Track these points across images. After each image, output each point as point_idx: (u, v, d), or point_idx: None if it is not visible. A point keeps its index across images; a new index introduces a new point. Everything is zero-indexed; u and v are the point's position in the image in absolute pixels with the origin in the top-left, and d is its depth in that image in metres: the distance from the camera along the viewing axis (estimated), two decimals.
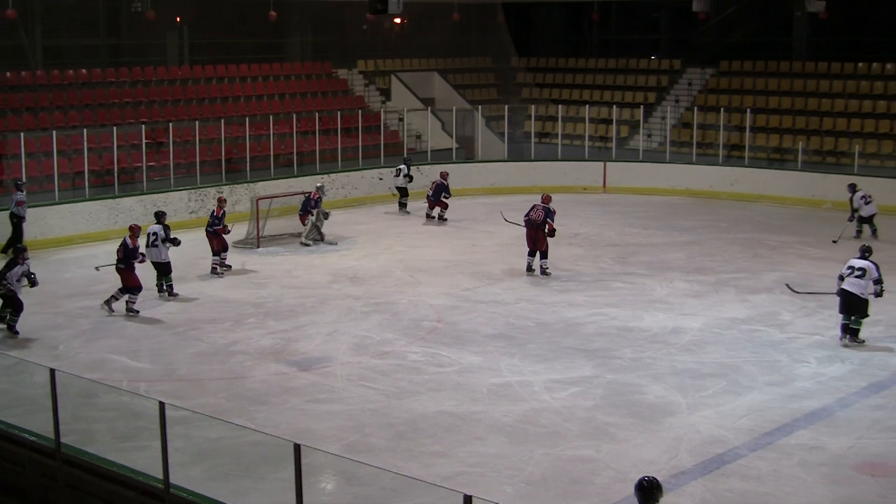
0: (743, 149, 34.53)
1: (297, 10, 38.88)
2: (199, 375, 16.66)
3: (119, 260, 20.34)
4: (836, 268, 23.25)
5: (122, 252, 20.33)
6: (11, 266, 18.68)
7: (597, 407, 15.11)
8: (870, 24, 40.49)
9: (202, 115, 33.17)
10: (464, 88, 41.58)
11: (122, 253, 20.33)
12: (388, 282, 22.64)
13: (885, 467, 13.08)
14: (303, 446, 10.25)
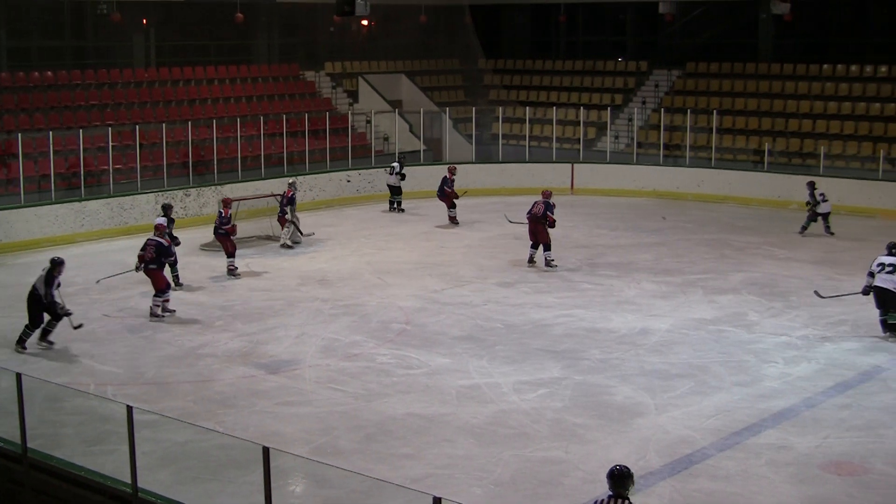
0: (709, 150, 34.68)
1: (263, 12, 38.79)
2: (166, 379, 16.60)
3: (151, 260, 20.22)
4: (802, 268, 23.61)
5: (153, 252, 20.26)
6: (51, 282, 17.98)
7: (565, 408, 15.14)
8: (834, 26, 40.75)
9: (169, 117, 33.05)
10: (431, 90, 41.61)
11: (155, 253, 20.26)
12: (357, 284, 22.62)
13: (851, 466, 13.16)
14: (271, 449, 10.24)
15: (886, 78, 36.04)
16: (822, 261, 24.66)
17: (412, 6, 40.40)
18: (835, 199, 30.27)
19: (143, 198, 28.69)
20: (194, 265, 24.31)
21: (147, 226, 27.55)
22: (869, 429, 14.35)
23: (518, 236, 27.41)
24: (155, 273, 20.19)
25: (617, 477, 9.10)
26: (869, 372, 16.79)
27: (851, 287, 20.53)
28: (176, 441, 13.71)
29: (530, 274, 23.40)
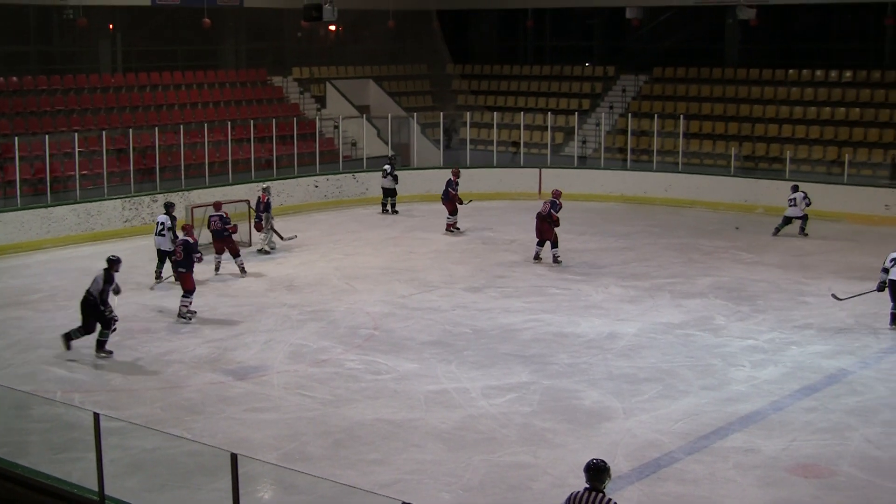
0: (676, 155, 34.81)
1: (231, 18, 38.72)
2: (134, 385, 16.53)
3: (180, 262, 20.29)
4: (769, 272, 23.76)
5: (181, 252, 20.33)
6: (111, 280, 17.91)
7: (534, 413, 15.16)
8: (799, 31, 41.03)
9: (136, 123, 32.93)
10: (399, 96, 41.61)
11: (184, 252, 20.30)
12: (325, 290, 22.58)
13: (817, 469, 13.24)
14: (240, 456, 10.22)
15: (851, 83, 36.33)
16: (790, 265, 24.79)
17: (380, 11, 40.38)
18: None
19: (110, 203, 28.54)
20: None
21: (113, 231, 27.63)
22: (835, 431, 14.44)
23: (486, 241, 27.50)
24: (184, 275, 20.29)
25: (593, 471, 9.17)
26: (835, 375, 16.90)
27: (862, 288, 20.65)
28: (144, 448, 13.65)
29: (498, 279, 23.43)
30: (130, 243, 27.28)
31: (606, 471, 9.17)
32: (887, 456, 13.63)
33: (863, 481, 12.90)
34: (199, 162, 31.85)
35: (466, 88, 43.80)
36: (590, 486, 9.17)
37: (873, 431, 14.44)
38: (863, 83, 36.17)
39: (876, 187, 31.31)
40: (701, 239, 27.86)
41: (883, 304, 20.89)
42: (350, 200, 33.24)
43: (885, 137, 33.87)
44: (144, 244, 26.88)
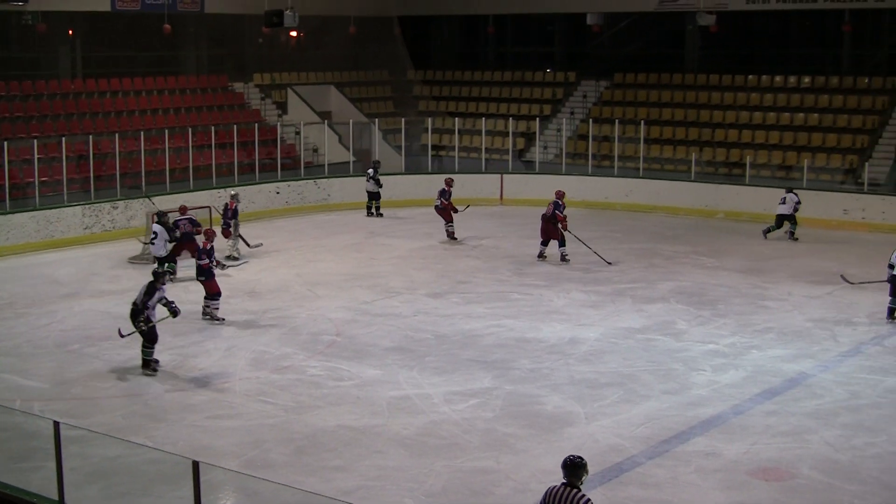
0: (637, 160, 34.94)
1: (192, 24, 38.57)
2: (94, 393, 16.43)
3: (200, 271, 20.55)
4: (730, 277, 23.91)
5: None
6: (151, 292, 17.44)
7: (496, 418, 15.19)
8: (758, 37, 41.31)
9: (96, 129, 32.73)
10: (360, 101, 41.56)
11: None
12: (286, 296, 22.53)
13: (777, 472, 13.32)
14: (201, 463, 10.19)
15: (809, 88, 36.61)
16: (749, 269, 24.94)
17: (341, 17, 40.34)
18: (760, 209, 30.82)
19: (70, 210, 28.35)
20: (121, 278, 24.09)
21: (73, 238, 27.49)
22: (795, 434, 14.54)
23: (448, 247, 27.52)
24: (206, 282, 20.54)
25: (570, 466, 9.36)
26: (795, 378, 17.01)
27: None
28: (105, 456, 13.57)
29: (460, 285, 23.45)
30: (91, 250, 27.16)
31: (583, 467, 9.34)
32: (846, 458, 13.73)
33: (823, 484, 12.99)
34: (159, 168, 31.70)
35: (428, 94, 43.80)
36: (567, 482, 9.31)
37: (833, 434, 14.55)
38: (821, 89, 36.45)
39: (834, 192, 31.57)
40: (662, 244, 27.98)
41: (842, 309, 21.14)
42: (312, 207, 33.20)
43: (842, 143, 34.15)
44: (105, 251, 26.86)
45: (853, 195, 31.04)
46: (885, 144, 33.72)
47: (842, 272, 22.63)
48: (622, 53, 43.05)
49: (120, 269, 25.12)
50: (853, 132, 34.41)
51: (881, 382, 16.78)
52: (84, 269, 25.11)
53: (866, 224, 29.96)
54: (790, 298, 22.13)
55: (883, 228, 29.53)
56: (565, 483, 9.33)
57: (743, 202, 32.07)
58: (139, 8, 35.33)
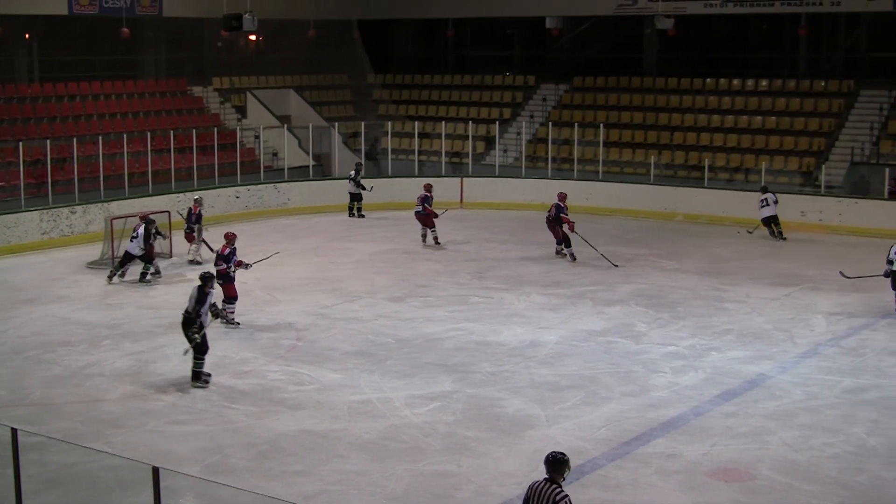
0: (597, 163, 35.06)
1: (150, 27, 38.40)
2: (53, 400, 16.32)
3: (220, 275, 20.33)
4: (688, 279, 24.06)
5: None
6: (203, 299, 16.99)
7: (457, 422, 15.20)
8: (716, 41, 41.60)
9: (53, 133, 32.55)
10: (320, 105, 41.53)
11: None
12: (247, 301, 22.42)
13: (737, 473, 13.40)
14: (161, 469, 10.14)
15: (767, 92, 36.92)
16: (708, 272, 25.08)
17: (300, 21, 40.30)
18: (719, 211, 31.08)
19: (27, 216, 28.11)
20: (80, 283, 23.96)
21: (31, 243, 27.28)
22: (755, 435, 14.64)
23: (407, 251, 27.52)
24: (224, 286, 20.45)
25: (552, 462, 9.57)
26: (754, 380, 17.12)
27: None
28: (63, 463, 13.48)
29: (420, 288, 23.45)
30: (49, 255, 26.98)
31: (565, 463, 9.56)
32: (805, 458, 13.83)
33: (782, 484, 13.08)
34: (118, 173, 31.51)
35: (388, 98, 43.84)
36: (549, 478, 9.48)
37: (791, 435, 14.66)
38: (778, 92, 36.77)
39: (792, 194, 31.77)
40: (621, 247, 28.05)
41: (800, 311, 21.29)
42: (271, 211, 33.10)
43: (800, 145, 34.45)
44: (63, 256, 26.69)
45: (810, 197, 31.29)
46: (841, 147, 34.03)
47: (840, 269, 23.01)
48: (581, 57, 43.25)
49: (79, 274, 24.96)
50: (810, 135, 34.72)
51: (838, 383, 16.92)
52: (42, 274, 24.94)
53: (823, 226, 30.20)
54: (749, 300, 22.27)
55: (840, 230, 29.80)
56: (547, 479, 9.49)
57: (702, 205, 32.24)
58: (97, 12, 35.17)
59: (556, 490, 9.40)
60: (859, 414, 15.57)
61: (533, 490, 9.53)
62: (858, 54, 38.06)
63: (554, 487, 9.42)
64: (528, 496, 9.56)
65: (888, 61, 37.27)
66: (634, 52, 41.59)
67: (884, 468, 13.59)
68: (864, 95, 35.42)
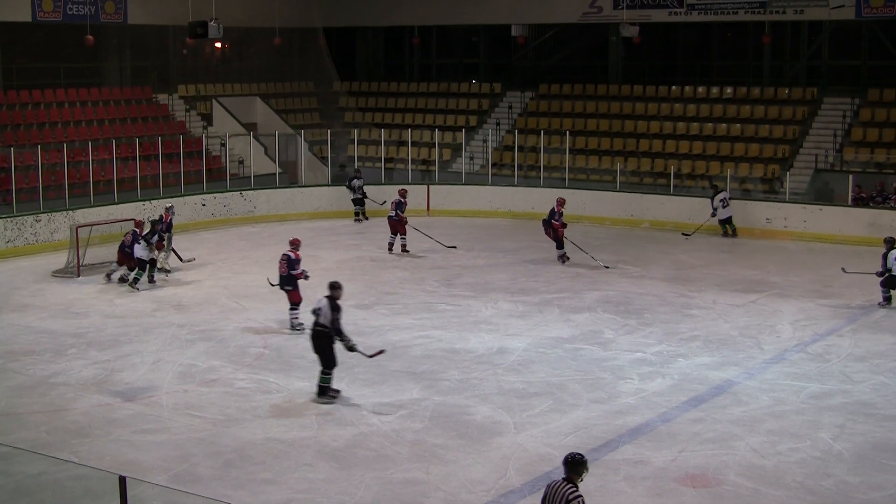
0: (563, 170, 35.12)
1: (114, 34, 38.22)
2: (17, 409, 16.20)
3: (284, 279, 20.56)
4: (655, 286, 24.18)
5: (285, 266, 20.57)
6: (338, 308, 16.44)
7: (425, 429, 15.19)
8: (680, 48, 41.83)
9: (17, 141, 32.35)
10: (286, 113, 41.47)
11: (287, 267, 20.55)
12: (213, 309, 22.38)
13: (705, 478, 13.45)
14: (128, 478, 10.10)
15: (731, 99, 37.17)
16: (674, 278, 25.17)
17: (266, 29, 40.25)
18: (685, 218, 31.26)
19: None
20: (45, 292, 23.82)
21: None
22: (722, 441, 14.70)
23: (374, 259, 27.50)
24: (290, 292, 20.61)
25: (570, 463, 9.90)
26: (721, 386, 17.19)
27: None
28: (28, 473, 13.38)
29: (387, 296, 23.43)
30: (13, 264, 26.81)
31: (583, 464, 9.91)
32: (771, 464, 13.90)
33: (749, 489, 13.14)
34: (83, 181, 31.33)
35: (354, 106, 43.82)
36: (566, 478, 9.79)
37: (758, 440, 14.73)
38: (742, 99, 37.00)
39: (757, 201, 32.01)
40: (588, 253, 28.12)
41: (767, 317, 21.39)
42: (237, 219, 33.03)
43: (764, 152, 34.64)
44: (27, 265, 26.53)
45: (775, 204, 31.47)
46: (805, 154, 34.26)
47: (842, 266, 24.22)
48: (547, 65, 43.45)
49: (43, 282, 24.81)
50: (775, 142, 34.93)
51: (804, 389, 17.01)
52: (6, 282, 24.77)
53: (788, 232, 30.38)
54: (715, 307, 22.37)
55: (805, 237, 29.98)
56: (565, 478, 9.78)
57: (668, 212, 32.37)
58: (61, 18, 34.98)
59: (571, 490, 9.65)
60: (825, 419, 15.66)
61: (550, 489, 9.78)
62: (821, 62, 38.32)
63: (569, 487, 9.68)
64: (545, 494, 9.82)
65: (851, 69, 37.61)
66: (600, 59, 41.77)
67: (849, 473, 13.68)
68: (828, 103, 35.69)
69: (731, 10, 36.04)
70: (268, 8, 39.96)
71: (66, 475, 13.36)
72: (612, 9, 37.75)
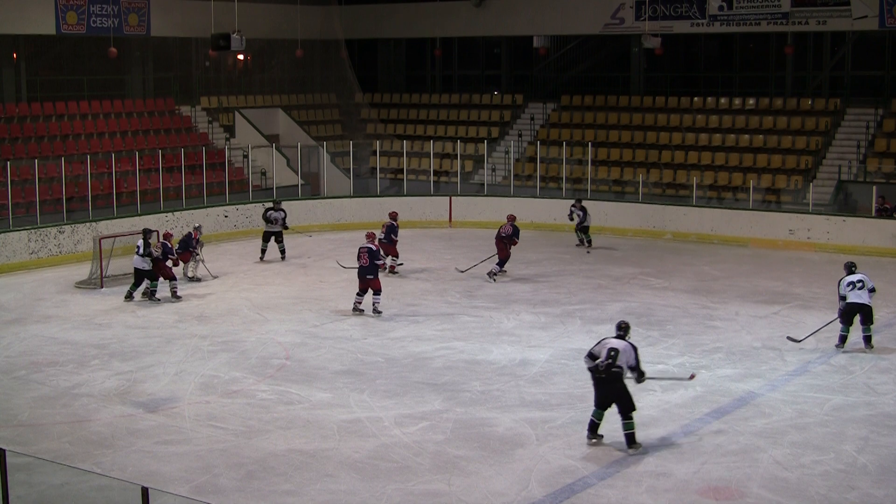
0: (585, 181, 35.12)
1: (137, 47, 38.40)
2: (41, 420, 16.25)
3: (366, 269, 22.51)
4: (677, 297, 24.04)
5: (367, 258, 22.44)
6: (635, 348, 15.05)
7: (447, 440, 15.17)
8: (702, 60, 41.75)
9: (41, 153, 32.52)
10: (308, 125, 41.55)
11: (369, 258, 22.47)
12: (235, 320, 22.42)
13: (728, 491, 13.39)
14: (150, 489, 10.10)
15: (753, 110, 37.07)
16: (697, 290, 25.10)
17: (288, 40, 40.36)
18: (707, 229, 31.15)
19: (15, 235, 28.00)
20: (68, 303, 23.91)
21: (19, 263, 27.23)
22: (744, 453, 14.62)
23: (397, 270, 27.45)
24: (372, 280, 22.53)
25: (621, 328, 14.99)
26: (743, 398, 17.12)
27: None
28: (51, 484, 13.43)
29: (409, 307, 23.43)
30: (37, 275, 26.93)
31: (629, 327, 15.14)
32: (795, 477, 13.83)
33: (772, 502, 13.07)
34: (106, 192, 31.49)
35: (375, 117, 43.86)
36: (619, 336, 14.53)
37: (781, 453, 14.65)
38: (765, 110, 36.90)
39: (780, 213, 31.90)
40: (610, 265, 28.10)
41: (790, 328, 21.28)
42: (260, 230, 33.06)
43: (787, 163, 34.54)
44: (51, 276, 26.65)
45: (798, 215, 31.33)
46: (828, 165, 34.15)
47: None
48: (568, 76, 43.42)
49: (67, 293, 24.90)
50: (797, 153, 34.82)
51: (828, 401, 16.92)
52: (30, 293, 24.87)
53: (812, 244, 30.27)
54: (738, 318, 22.30)
55: (828, 248, 29.86)
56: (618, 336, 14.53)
57: (690, 223, 32.30)
58: (84, 31, 35.20)
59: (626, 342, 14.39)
60: (849, 432, 15.57)
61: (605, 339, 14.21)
62: (844, 72, 38.20)
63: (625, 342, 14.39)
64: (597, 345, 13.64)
65: (874, 79, 37.49)
66: (621, 70, 41.74)
67: (874, 486, 13.59)
68: (851, 113, 35.58)
69: (754, 21, 35.98)
70: (290, 20, 40.08)
71: (88, 486, 13.38)
72: (634, 20, 37.75)
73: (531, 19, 40.49)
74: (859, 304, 19.73)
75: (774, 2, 35.33)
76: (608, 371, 14.80)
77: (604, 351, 14.88)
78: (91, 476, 13.37)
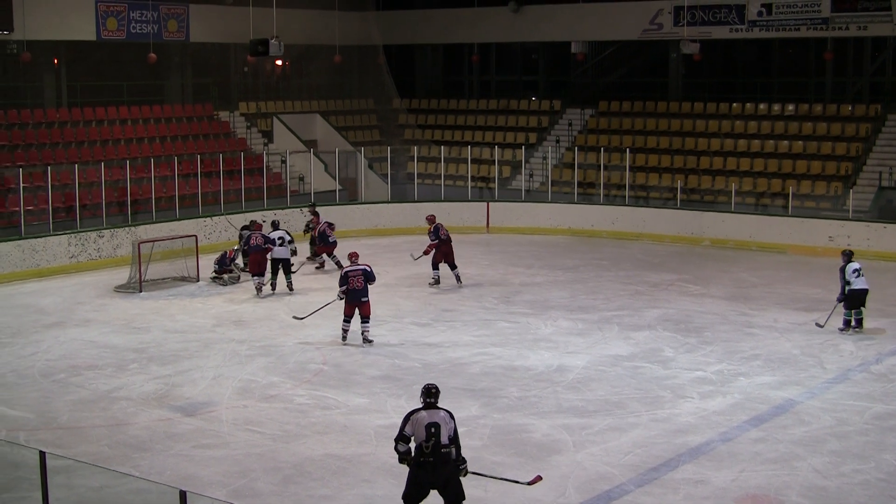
0: (623, 188, 35.04)
1: (177, 52, 38.62)
2: (80, 423, 16.35)
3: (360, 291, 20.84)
4: (716, 304, 23.96)
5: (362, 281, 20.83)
6: None
7: (484, 446, 15.14)
8: (741, 65, 41.56)
9: (81, 158, 32.73)
10: (346, 130, 41.65)
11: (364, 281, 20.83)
12: (273, 325, 22.48)
13: (766, 499, 13.31)
14: (188, 493, 10.14)
15: (793, 116, 36.85)
16: (735, 296, 24.98)
17: (326, 46, 40.46)
18: (746, 236, 31.12)
19: (55, 239, 28.23)
20: (107, 307, 24.05)
21: (59, 267, 27.41)
22: (783, 461, 14.54)
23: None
24: (366, 303, 20.82)
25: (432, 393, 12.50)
26: (782, 405, 17.02)
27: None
28: (90, 486, 13.50)
29: (446, 313, 23.42)
30: (77, 279, 27.10)
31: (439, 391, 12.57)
32: (834, 485, 13.73)
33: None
34: (145, 197, 31.68)
35: (413, 123, 43.92)
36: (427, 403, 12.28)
37: (821, 461, 14.56)
38: (805, 116, 36.68)
39: (819, 219, 31.67)
40: (648, 271, 28.01)
41: (829, 335, 21.13)
42: (297, 235, 33.10)
43: (827, 170, 34.32)
44: (90, 280, 26.82)
45: (838, 222, 31.11)
46: (868, 171, 33.90)
47: None
48: (606, 82, 43.29)
49: (106, 297, 25.05)
50: (837, 159, 34.59)
51: (868, 409, 16.80)
52: (69, 298, 25.03)
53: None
54: (776, 325, 22.17)
55: (867, 255, 29.54)
56: None
57: (728, 229, 32.14)
58: (124, 37, 35.45)
59: None
60: (889, 441, 15.45)
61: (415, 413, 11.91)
62: (885, 78, 37.92)
63: None
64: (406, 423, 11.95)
65: None
66: (660, 76, 41.63)
67: None
68: (892, 119, 35.33)
69: (793, 27, 35.82)
70: (328, 26, 40.20)
71: (126, 489, 13.44)
72: (673, 25, 37.66)
73: (569, 25, 40.47)
74: (864, 289, 21.20)
75: (814, 7, 35.15)
76: (435, 452, 11.97)
77: (421, 429, 12.07)
78: (129, 479, 13.43)
